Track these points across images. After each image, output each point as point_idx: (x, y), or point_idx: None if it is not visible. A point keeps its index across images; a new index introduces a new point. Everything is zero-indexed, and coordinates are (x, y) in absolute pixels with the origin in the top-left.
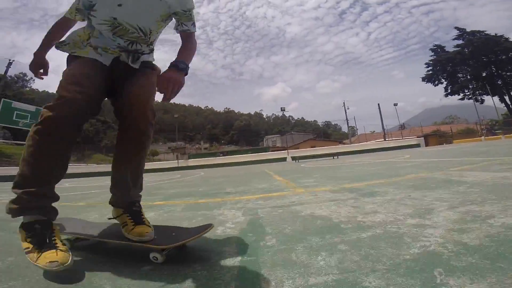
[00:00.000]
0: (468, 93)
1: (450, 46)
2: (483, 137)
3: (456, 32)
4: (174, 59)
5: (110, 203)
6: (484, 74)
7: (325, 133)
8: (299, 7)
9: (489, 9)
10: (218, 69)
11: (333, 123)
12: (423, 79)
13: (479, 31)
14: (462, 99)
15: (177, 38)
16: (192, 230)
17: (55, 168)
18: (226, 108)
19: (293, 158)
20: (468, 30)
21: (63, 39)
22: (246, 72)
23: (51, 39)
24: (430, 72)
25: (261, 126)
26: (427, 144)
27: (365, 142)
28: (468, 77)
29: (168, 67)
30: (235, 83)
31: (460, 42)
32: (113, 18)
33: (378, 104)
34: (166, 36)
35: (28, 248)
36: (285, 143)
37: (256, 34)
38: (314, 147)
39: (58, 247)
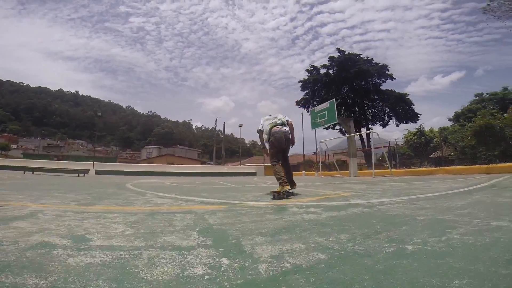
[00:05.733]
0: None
1: None
2: (303, 172)
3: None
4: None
5: (289, 183)
6: (349, 101)
7: (249, 152)
8: (261, 25)
9: (414, 51)
10: (161, 70)
11: (259, 144)
12: (297, 103)
13: (354, 54)
14: (326, 128)
15: None
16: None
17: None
18: (150, 111)
19: (97, 172)
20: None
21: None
22: (190, 78)
23: None
24: (306, 96)
25: (185, 136)
26: (265, 173)
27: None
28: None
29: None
30: (176, 88)
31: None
32: None
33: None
34: None
35: (283, 187)
36: (156, 154)
37: (211, 42)
38: (172, 163)
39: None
